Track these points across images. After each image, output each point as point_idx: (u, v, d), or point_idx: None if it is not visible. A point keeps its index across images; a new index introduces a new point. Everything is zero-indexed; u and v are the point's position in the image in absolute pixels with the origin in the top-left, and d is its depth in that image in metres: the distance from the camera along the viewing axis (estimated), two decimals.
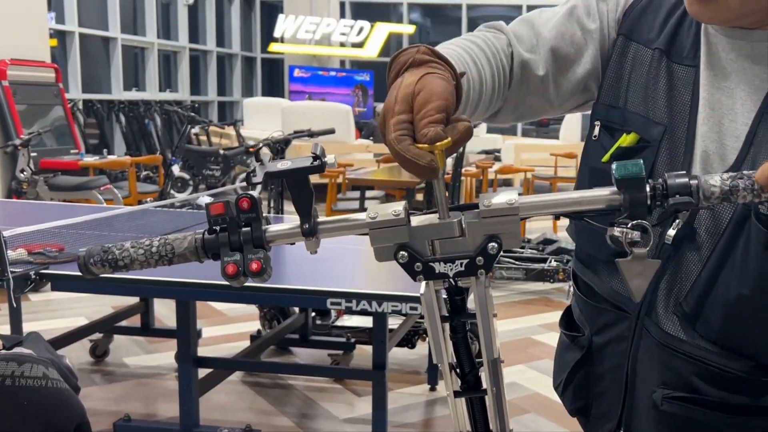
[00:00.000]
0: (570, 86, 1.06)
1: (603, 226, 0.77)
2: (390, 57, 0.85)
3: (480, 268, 0.80)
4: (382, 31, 13.02)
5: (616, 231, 0.74)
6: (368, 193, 5.94)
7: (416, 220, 0.81)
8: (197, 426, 2.52)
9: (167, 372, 3.49)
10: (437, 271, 0.81)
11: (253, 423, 2.94)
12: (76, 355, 3.63)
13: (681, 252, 0.96)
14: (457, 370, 0.91)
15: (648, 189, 0.74)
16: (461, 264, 0.80)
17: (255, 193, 0.83)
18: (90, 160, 6.15)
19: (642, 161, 0.75)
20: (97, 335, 3.59)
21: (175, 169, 6.91)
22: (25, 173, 5.59)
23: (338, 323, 3.61)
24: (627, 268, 0.73)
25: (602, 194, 0.77)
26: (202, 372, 2.71)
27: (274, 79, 14.83)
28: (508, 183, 8.99)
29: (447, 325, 0.89)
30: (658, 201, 0.74)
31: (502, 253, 0.81)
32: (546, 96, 1.06)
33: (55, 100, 6.75)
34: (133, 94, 10.94)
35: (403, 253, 0.80)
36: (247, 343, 3.57)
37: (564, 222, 0.94)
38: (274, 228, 0.85)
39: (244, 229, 0.83)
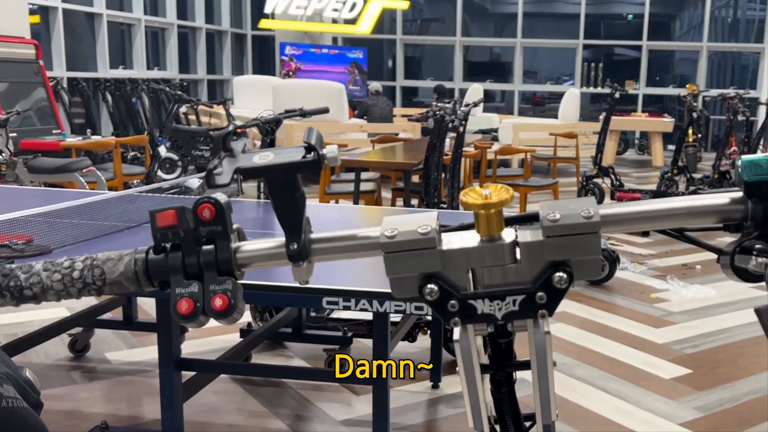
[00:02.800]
0: None
1: (720, 249, 0.55)
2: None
3: (541, 308, 0.58)
4: (375, 6, 12.69)
5: (752, 264, 0.52)
6: (363, 175, 5.71)
7: (451, 240, 0.59)
8: None
9: (152, 368, 3.27)
10: (480, 312, 0.59)
11: (243, 426, 2.74)
12: (54, 350, 3.41)
13: None
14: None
15: None
16: (514, 302, 0.58)
17: (222, 196, 0.61)
18: (72, 140, 5.89)
19: None
20: (76, 329, 3.37)
21: (162, 150, 6.65)
22: (3, 154, 5.32)
23: (334, 315, 3.40)
24: None
25: (717, 203, 0.55)
26: (188, 373, 2.49)
27: (264, 56, 14.51)
28: (506, 164, 8.76)
29: (486, 377, 0.67)
30: None
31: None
32: None
33: (36, 78, 6.47)
34: (120, 72, 10.63)
35: (432, 287, 0.58)
36: (237, 336, 3.36)
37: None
38: (249, 247, 0.62)
39: (205, 247, 0.60)
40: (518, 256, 0.58)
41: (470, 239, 0.58)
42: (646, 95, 13.39)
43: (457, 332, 0.60)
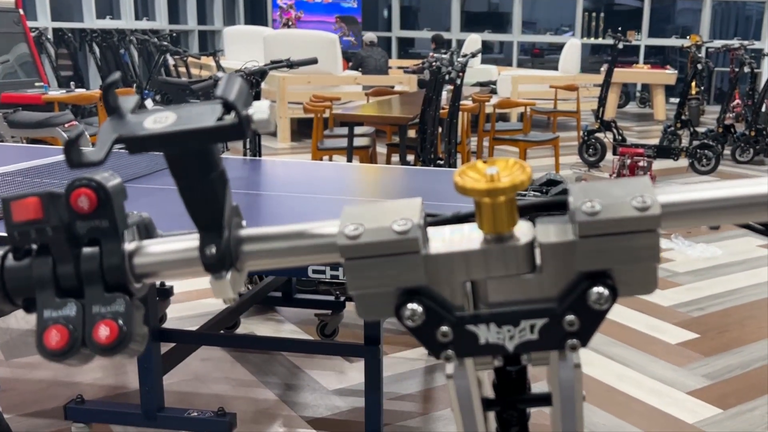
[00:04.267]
0: None
1: None
2: None
3: (571, 337, 0.41)
4: None
5: None
6: (357, 130, 5.51)
7: (442, 238, 0.42)
8: (161, 409, 2.17)
9: None
10: (483, 342, 0.41)
11: (229, 396, 2.61)
12: (33, 315, 3.26)
13: None
14: None
15: None
16: (532, 328, 0.41)
17: (110, 176, 0.43)
18: (55, 94, 5.66)
19: None
20: None
21: (149, 103, 6.42)
22: None
23: (326, 278, 3.25)
24: None
25: None
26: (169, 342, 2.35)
27: (257, 6, 14.11)
28: (504, 118, 8.55)
29: (491, 414, 0.51)
30: None
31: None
32: None
33: (16, 28, 6.21)
34: (107, 23, 10.30)
35: (415, 307, 0.41)
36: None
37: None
38: (152, 249, 0.45)
39: (85, 250, 0.43)
40: (538, 261, 0.41)
41: (469, 238, 0.41)
42: (648, 46, 13.09)
43: (450, 367, 0.43)
